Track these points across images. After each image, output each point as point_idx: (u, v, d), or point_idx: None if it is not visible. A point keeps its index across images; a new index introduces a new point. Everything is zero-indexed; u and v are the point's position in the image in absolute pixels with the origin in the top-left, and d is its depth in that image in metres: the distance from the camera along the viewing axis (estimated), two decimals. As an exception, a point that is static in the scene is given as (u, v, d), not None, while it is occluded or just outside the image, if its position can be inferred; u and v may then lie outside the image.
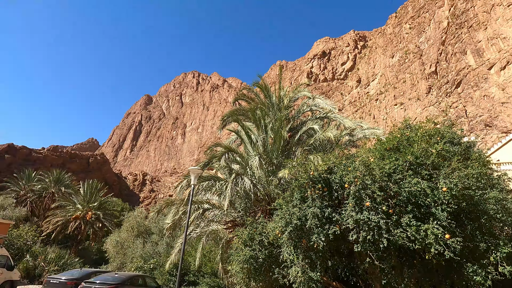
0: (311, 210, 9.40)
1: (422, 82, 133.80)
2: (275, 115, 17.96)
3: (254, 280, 11.44)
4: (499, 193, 9.75)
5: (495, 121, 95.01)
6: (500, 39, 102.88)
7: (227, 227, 17.49)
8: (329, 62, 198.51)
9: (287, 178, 13.37)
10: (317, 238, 9.18)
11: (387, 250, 8.84)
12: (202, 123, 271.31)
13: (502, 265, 8.14)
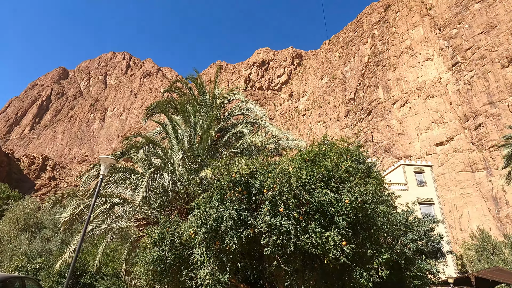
0: (228, 212, 9.39)
1: (343, 106, 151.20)
2: (206, 113, 17.59)
3: (159, 282, 10.79)
4: (387, 208, 11.52)
5: (392, 148, 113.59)
6: (403, 81, 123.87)
7: (138, 224, 16.18)
8: (267, 72, 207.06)
9: (209, 178, 13.16)
10: (230, 241, 9.20)
11: (293, 254, 9.44)
12: (127, 110, 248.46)
13: (381, 269, 9.57)
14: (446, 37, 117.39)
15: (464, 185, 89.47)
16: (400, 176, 36.42)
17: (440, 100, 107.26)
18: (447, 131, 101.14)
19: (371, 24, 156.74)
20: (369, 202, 10.06)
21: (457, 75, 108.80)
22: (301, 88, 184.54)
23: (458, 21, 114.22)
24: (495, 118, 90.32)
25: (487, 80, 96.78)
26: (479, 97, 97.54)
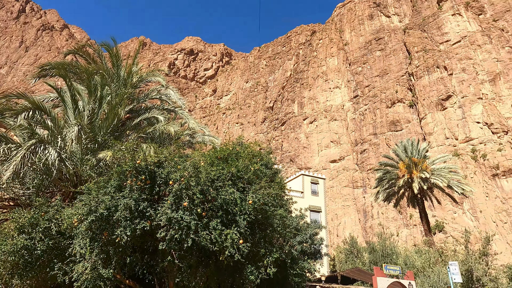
0: (125, 201, 8.54)
1: (261, 112, 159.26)
2: (118, 90, 15.70)
3: (20, 276, 8.93)
4: (284, 211, 12.58)
5: (296, 158, 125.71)
6: (315, 101, 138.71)
7: (3, 205, 13.13)
8: (194, 62, 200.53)
9: (109, 162, 11.73)
10: (122, 232, 8.37)
11: (190, 249, 9.26)
12: (12, 64, 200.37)
13: (270, 268, 10.34)
14: (353, 72, 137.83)
15: (346, 198, 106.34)
16: (299, 184, 40.60)
17: (340, 124, 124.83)
18: (341, 151, 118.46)
19: (298, 43, 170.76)
20: (270, 205, 10.75)
21: (355, 105, 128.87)
22: (226, 86, 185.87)
23: (364, 61, 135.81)
24: (375, 146, 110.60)
25: (375, 115, 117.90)
26: (367, 128, 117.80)
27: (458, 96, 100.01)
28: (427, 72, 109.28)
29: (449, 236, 75.87)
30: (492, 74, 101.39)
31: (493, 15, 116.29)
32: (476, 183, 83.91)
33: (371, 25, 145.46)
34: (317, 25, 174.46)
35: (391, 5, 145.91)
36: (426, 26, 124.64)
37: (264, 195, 10.46)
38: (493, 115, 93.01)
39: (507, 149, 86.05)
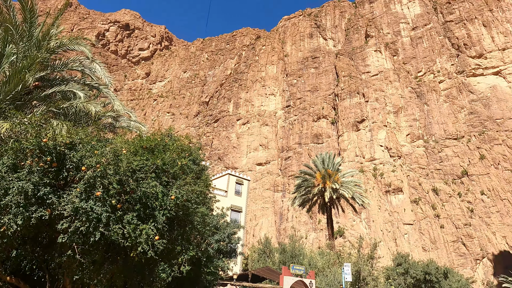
0: (20, 184, 7.24)
1: (195, 106, 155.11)
2: (27, 51, 13.23)
3: None
4: (206, 209, 12.51)
5: (225, 157, 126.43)
6: (250, 104, 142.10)
7: None
8: (129, 38, 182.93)
9: (4, 135, 9.77)
10: (11, 220, 7.07)
11: (97, 244, 8.40)
12: None
13: (184, 265, 10.14)
14: (288, 83, 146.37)
15: (266, 201, 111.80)
16: (224, 183, 40.94)
17: (270, 130, 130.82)
18: (268, 155, 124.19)
19: (242, 44, 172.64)
20: (192, 202, 10.55)
21: (286, 114, 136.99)
22: (161, 72, 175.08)
23: (299, 75, 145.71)
24: (298, 155, 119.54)
25: (302, 126, 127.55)
26: (294, 137, 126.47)
27: (370, 121, 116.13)
28: (349, 95, 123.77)
29: (347, 241, 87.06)
30: (396, 107, 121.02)
31: (403, 58, 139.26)
32: (373, 197, 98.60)
33: (310, 43, 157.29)
34: (263, 31, 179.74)
35: (329, 30, 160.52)
36: (354, 55, 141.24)
37: (188, 191, 10.23)
38: (392, 141, 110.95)
39: (398, 171, 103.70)
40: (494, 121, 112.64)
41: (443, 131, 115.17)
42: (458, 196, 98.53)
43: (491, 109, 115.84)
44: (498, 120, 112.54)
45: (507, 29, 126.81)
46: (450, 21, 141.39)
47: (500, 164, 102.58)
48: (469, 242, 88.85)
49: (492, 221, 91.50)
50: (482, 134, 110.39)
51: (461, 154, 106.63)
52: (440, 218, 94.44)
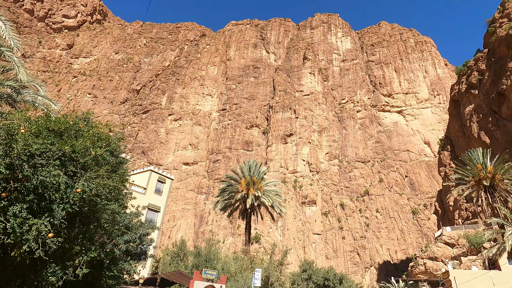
0: None
1: (124, 92, 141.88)
2: None
3: None
4: (118, 207, 11.40)
5: (150, 152, 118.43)
6: (185, 101, 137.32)
7: None
8: (52, 1, 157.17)
9: None
10: None
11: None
12: None
13: (81, 268, 8.96)
14: (227, 87, 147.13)
15: (188, 202, 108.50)
16: (144, 179, 38.19)
17: (203, 130, 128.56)
18: (196, 156, 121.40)
19: (185, 38, 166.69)
20: (103, 197, 9.51)
21: (221, 118, 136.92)
22: (88, 47, 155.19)
23: (239, 81, 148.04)
24: (227, 159, 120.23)
25: (235, 132, 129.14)
26: (225, 141, 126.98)
27: (297, 136, 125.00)
28: (282, 109, 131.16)
29: (262, 247, 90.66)
30: (321, 127, 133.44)
31: (332, 85, 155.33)
32: (290, 207, 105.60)
33: (254, 52, 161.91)
34: (209, 30, 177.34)
35: (272, 44, 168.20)
36: (291, 73, 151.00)
37: (100, 185, 9.18)
38: (314, 158, 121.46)
39: (315, 185, 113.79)
40: (393, 151, 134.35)
41: (354, 154, 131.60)
42: (359, 212, 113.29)
43: (392, 141, 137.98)
44: (396, 151, 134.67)
45: (410, 78, 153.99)
46: (371, 61, 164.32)
47: (392, 188, 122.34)
48: (362, 252, 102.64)
49: (381, 235, 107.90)
50: (383, 161, 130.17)
51: (365, 176, 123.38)
52: (343, 230, 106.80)
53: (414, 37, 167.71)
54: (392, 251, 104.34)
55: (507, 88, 57.46)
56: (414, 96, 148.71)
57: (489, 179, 30.91)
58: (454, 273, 35.23)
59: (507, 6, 66.32)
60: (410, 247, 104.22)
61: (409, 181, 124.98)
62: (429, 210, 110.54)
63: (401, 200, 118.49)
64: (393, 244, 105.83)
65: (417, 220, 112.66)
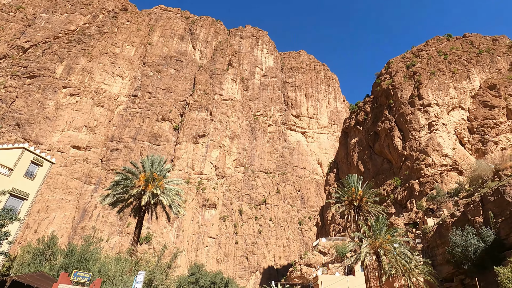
0: None
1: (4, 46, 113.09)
2: None
3: None
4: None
5: (27, 125, 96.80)
6: (89, 76, 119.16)
7: None
8: None
9: None
10: None
11: None
12: None
13: None
14: (143, 72, 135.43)
15: (70, 192, 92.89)
16: (13, 158, 30.79)
17: (104, 113, 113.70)
18: (91, 140, 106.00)
19: (102, 6, 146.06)
20: None
21: (130, 104, 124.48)
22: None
23: (158, 69, 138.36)
24: (129, 150, 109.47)
25: (143, 122, 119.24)
26: (130, 130, 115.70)
27: (209, 138, 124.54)
28: (199, 109, 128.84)
29: (152, 248, 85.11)
30: (234, 133, 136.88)
31: (250, 96, 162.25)
32: (190, 208, 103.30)
33: (179, 44, 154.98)
34: (133, 6, 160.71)
35: (200, 41, 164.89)
36: (214, 75, 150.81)
37: None
38: (222, 162, 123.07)
39: (218, 189, 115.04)
40: (292, 167, 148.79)
41: (260, 165, 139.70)
42: (254, 219, 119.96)
43: (293, 158, 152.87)
44: (295, 167, 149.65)
45: (316, 105, 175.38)
46: (288, 82, 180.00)
47: (287, 199, 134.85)
48: (251, 257, 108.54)
49: (271, 242, 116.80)
50: (283, 174, 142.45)
51: (266, 186, 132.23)
52: (237, 235, 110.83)
53: (324, 71, 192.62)
54: (277, 257, 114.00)
55: (381, 130, 71.83)
56: (316, 121, 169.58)
57: (358, 200, 37.50)
58: (322, 278, 40.86)
59: (390, 66, 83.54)
60: (293, 254, 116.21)
61: (301, 195, 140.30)
62: (312, 222, 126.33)
63: (292, 211, 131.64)
64: (279, 250, 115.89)
65: (302, 230, 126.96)
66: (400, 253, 31.94)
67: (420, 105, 66.32)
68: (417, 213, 53.20)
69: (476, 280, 28.89)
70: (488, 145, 59.33)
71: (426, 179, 57.28)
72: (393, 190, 63.46)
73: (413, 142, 63.27)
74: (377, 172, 72.05)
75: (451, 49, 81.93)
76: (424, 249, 43.10)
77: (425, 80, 69.87)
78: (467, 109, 66.83)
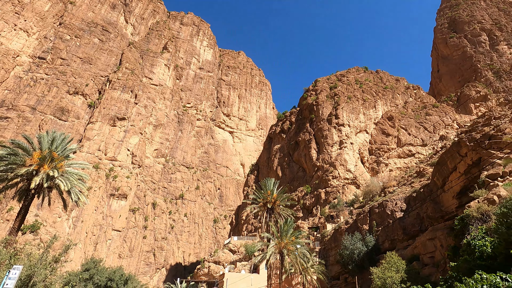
0: None
1: None
2: None
3: None
4: None
5: None
6: None
7: None
8: None
9: None
10: None
11: None
12: None
13: None
14: (58, 34, 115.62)
15: None
16: None
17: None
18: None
19: None
20: None
21: (34, 67, 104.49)
22: None
23: (77, 35, 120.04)
24: (24, 121, 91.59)
25: (50, 91, 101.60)
26: (31, 97, 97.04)
27: (130, 122, 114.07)
28: (122, 88, 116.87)
29: (38, 239, 72.78)
30: (159, 122, 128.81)
31: (183, 86, 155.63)
32: (95, 197, 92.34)
33: (109, 13, 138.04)
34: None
35: (135, 16, 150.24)
36: (146, 56, 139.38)
37: None
38: (141, 150, 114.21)
39: (132, 179, 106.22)
40: (215, 165, 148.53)
41: (182, 158, 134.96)
42: (168, 214, 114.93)
43: (217, 155, 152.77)
44: (218, 165, 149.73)
45: (247, 107, 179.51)
46: (223, 80, 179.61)
47: (205, 196, 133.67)
48: (159, 253, 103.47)
49: (182, 238, 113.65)
50: (205, 170, 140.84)
51: (185, 181, 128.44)
52: (147, 230, 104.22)
53: (259, 76, 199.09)
54: (186, 254, 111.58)
55: (301, 140, 78.15)
56: (245, 123, 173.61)
57: (272, 203, 39.76)
58: (228, 276, 41.73)
59: (317, 84, 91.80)
60: (204, 251, 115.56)
61: (220, 193, 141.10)
62: (227, 221, 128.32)
63: (209, 208, 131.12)
64: (190, 247, 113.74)
65: (216, 228, 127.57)
66: (300, 254, 35.06)
67: (336, 124, 74.70)
68: (320, 219, 59.52)
69: (356, 279, 33.86)
70: (380, 166, 70.67)
71: (331, 189, 64.67)
72: (303, 196, 69.58)
73: (326, 155, 70.75)
74: (292, 178, 77.95)
75: (365, 80, 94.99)
76: (321, 251, 48.46)
77: (342, 103, 79.10)
78: (370, 133, 78.36)
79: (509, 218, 14.15)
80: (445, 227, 26.03)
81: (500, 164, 23.65)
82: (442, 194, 28.24)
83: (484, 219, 18.81)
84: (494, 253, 14.17)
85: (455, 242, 20.69)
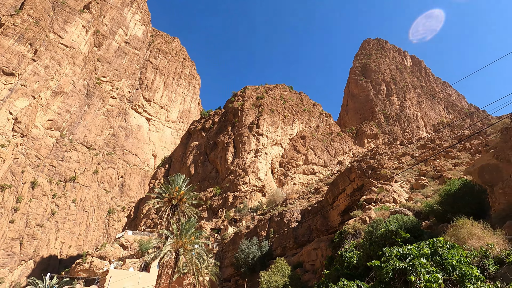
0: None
1: None
2: None
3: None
4: None
5: None
6: None
7: None
8: None
9: None
10: None
11: None
12: None
13: None
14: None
15: None
16: None
17: None
18: None
19: None
20: None
21: None
22: None
23: None
24: None
25: None
26: None
27: (20, 81, 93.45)
28: (18, 38, 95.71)
29: None
30: (61, 88, 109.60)
31: (101, 56, 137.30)
32: None
33: None
34: None
35: None
36: (60, 10, 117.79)
37: None
38: (29, 117, 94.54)
39: (9, 150, 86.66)
40: (123, 150, 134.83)
41: (83, 136, 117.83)
42: (52, 197, 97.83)
43: (127, 141, 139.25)
44: (126, 151, 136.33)
45: (171, 97, 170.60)
46: (150, 62, 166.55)
47: (103, 183, 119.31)
48: (28, 243, 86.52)
49: (64, 227, 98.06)
50: (109, 154, 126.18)
51: (82, 163, 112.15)
52: (17, 213, 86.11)
53: (191, 69, 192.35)
54: (66, 246, 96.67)
55: (220, 142, 78.46)
56: (166, 113, 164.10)
57: (177, 200, 38.22)
58: (112, 273, 37.80)
59: (246, 91, 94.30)
60: (89, 244, 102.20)
61: (122, 182, 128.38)
62: (125, 213, 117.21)
63: (106, 197, 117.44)
64: (72, 238, 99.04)
65: (109, 220, 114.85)
66: (197, 254, 34.55)
67: (255, 132, 77.86)
68: (224, 221, 60.32)
69: (246, 281, 35.35)
70: (287, 179, 76.76)
71: (240, 194, 66.59)
72: (212, 197, 69.52)
73: (241, 160, 72.72)
74: (204, 178, 77.05)
75: (289, 98, 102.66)
76: (219, 253, 48.92)
77: (265, 114, 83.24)
78: (284, 147, 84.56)
79: (372, 236, 17.15)
80: (328, 240, 29.79)
81: (375, 191, 28.65)
82: (330, 210, 32.33)
83: (356, 235, 22.28)
84: (358, 264, 16.94)
85: (332, 253, 23.82)
